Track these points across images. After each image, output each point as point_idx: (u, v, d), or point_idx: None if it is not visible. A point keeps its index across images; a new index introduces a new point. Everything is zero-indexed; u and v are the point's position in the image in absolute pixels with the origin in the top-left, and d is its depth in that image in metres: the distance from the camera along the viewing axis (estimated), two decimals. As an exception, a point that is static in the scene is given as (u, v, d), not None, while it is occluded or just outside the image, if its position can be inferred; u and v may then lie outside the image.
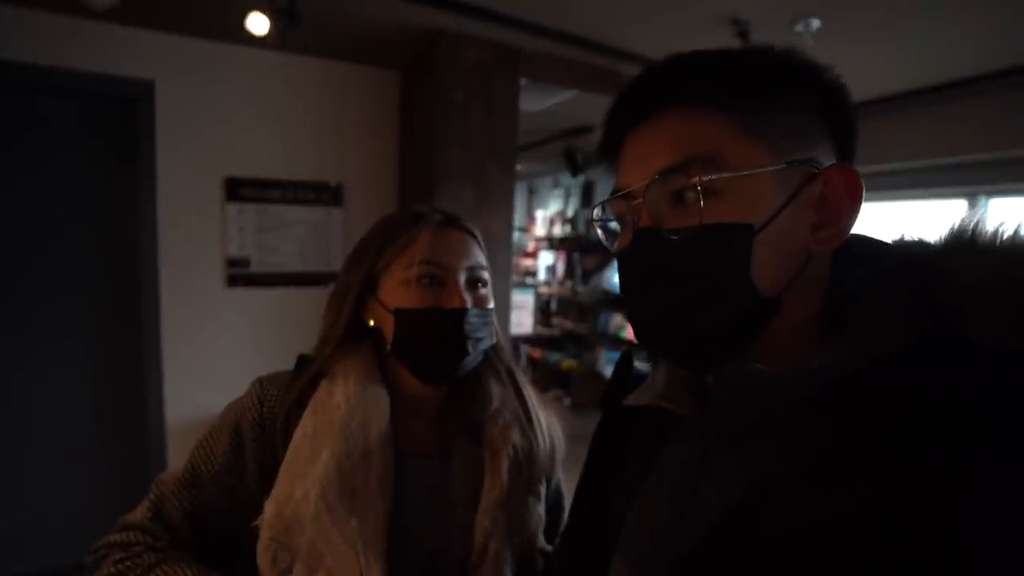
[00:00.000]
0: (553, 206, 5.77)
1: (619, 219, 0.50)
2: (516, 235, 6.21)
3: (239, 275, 2.33)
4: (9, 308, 2.09)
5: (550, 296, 5.35)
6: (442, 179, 2.12)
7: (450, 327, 0.72)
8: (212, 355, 2.31)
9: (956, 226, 0.42)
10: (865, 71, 2.37)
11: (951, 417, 0.33)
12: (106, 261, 2.22)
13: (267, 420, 0.72)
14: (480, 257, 0.77)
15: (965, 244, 0.40)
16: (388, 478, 0.70)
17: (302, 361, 0.77)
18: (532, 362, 5.26)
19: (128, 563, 0.68)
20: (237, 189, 2.28)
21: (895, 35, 2.00)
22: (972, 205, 2.64)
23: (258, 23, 1.54)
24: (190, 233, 2.24)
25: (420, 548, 0.71)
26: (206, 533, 0.74)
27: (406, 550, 0.70)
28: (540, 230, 5.67)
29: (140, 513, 0.73)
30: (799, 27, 1.92)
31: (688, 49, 0.47)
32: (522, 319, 2.65)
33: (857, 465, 0.35)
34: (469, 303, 0.73)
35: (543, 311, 5.43)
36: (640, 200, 0.45)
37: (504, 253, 2.31)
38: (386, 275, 0.74)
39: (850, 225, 0.44)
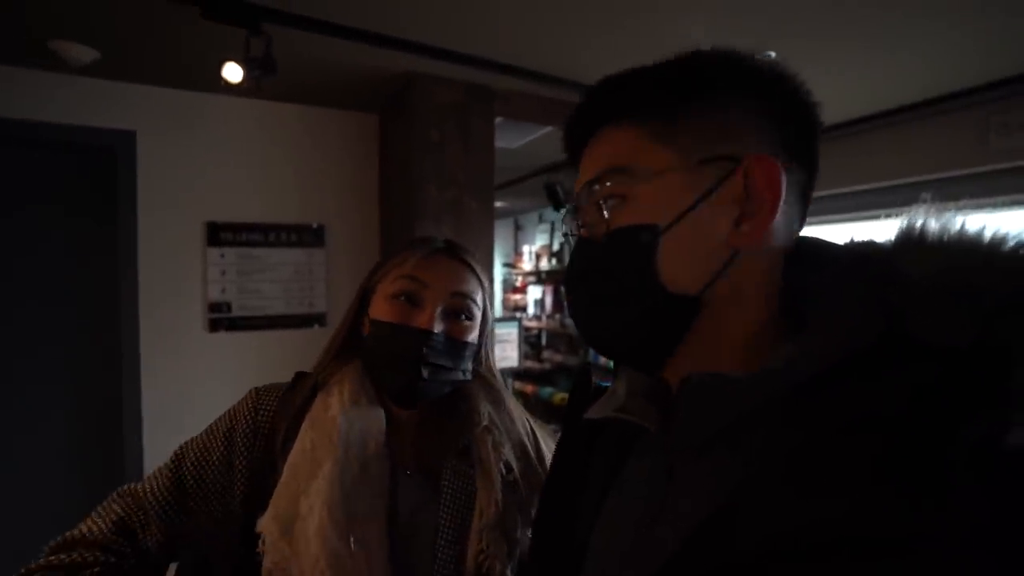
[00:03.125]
0: (539, 240, 5.82)
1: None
2: (504, 271, 6.25)
3: (221, 319, 2.32)
4: None
5: (540, 330, 5.33)
6: (420, 217, 2.15)
7: (410, 347, 0.71)
8: (194, 403, 2.27)
9: (904, 225, 0.41)
10: (825, 97, 2.46)
11: (913, 418, 0.33)
12: (84, 309, 2.21)
13: (260, 428, 0.72)
14: (469, 288, 0.76)
15: (915, 242, 0.40)
16: (384, 493, 0.70)
17: (299, 377, 0.79)
18: (524, 397, 5.20)
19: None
20: (218, 233, 2.30)
21: (851, 63, 2.09)
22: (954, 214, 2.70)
23: (233, 72, 1.59)
24: (171, 279, 2.24)
25: (411, 566, 0.70)
26: (175, 550, 0.71)
27: (401, 568, 0.69)
28: (527, 265, 5.70)
29: (98, 527, 0.68)
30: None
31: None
32: (507, 352, 2.64)
33: (832, 470, 0.34)
34: (438, 328, 0.72)
35: (533, 345, 5.40)
36: (579, 208, 0.49)
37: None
38: (378, 289, 0.77)
39: (771, 217, 0.42)
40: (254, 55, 1.58)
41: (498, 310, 6.79)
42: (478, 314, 0.77)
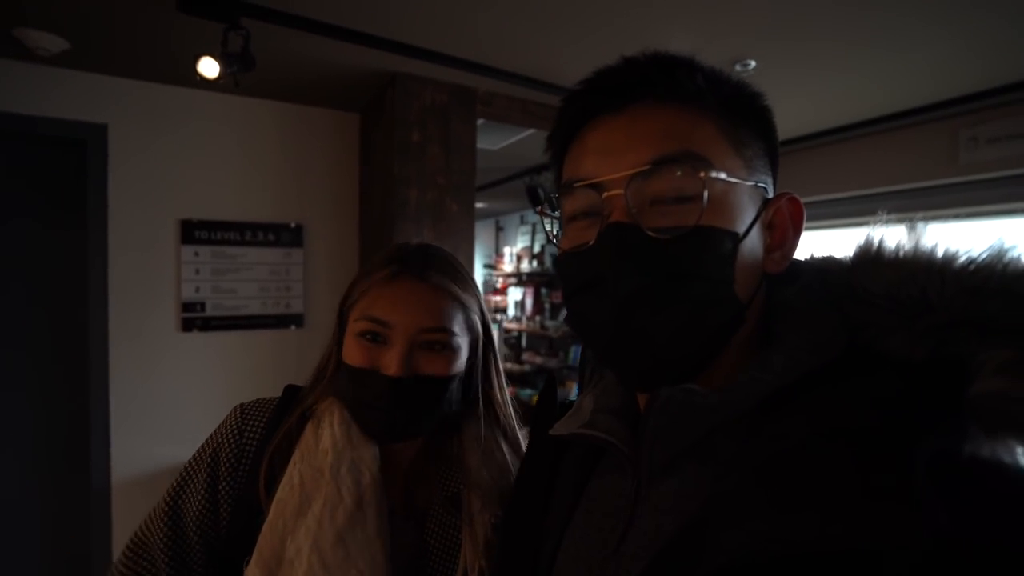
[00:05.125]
0: (521, 242, 5.83)
1: (582, 214, 0.45)
2: (485, 272, 6.23)
3: (194, 319, 2.27)
4: None
5: (520, 332, 5.34)
6: (400, 219, 2.13)
7: (379, 395, 0.64)
8: (164, 404, 2.21)
9: (862, 241, 0.43)
10: (802, 107, 2.51)
11: (876, 431, 0.33)
12: (51, 307, 2.14)
13: (245, 453, 0.67)
14: (442, 319, 0.66)
15: (872, 257, 0.41)
16: (385, 531, 0.63)
17: (289, 394, 0.72)
18: (504, 399, 5.17)
19: None
20: (192, 231, 2.25)
21: (824, 73, 2.13)
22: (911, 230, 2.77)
23: (209, 67, 1.55)
24: (142, 277, 2.18)
25: None
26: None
27: None
28: (508, 266, 5.70)
29: (122, 555, 0.68)
30: (738, 67, 2.03)
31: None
32: (487, 355, 2.62)
33: (800, 484, 0.34)
34: (407, 371, 0.64)
35: (513, 347, 5.40)
36: (616, 192, 0.41)
37: (466, 289, 2.31)
38: (349, 317, 0.70)
39: (795, 250, 0.45)
40: (232, 50, 1.55)
41: (479, 312, 6.77)
42: (460, 342, 0.68)
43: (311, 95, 2.36)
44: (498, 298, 5.89)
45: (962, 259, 0.37)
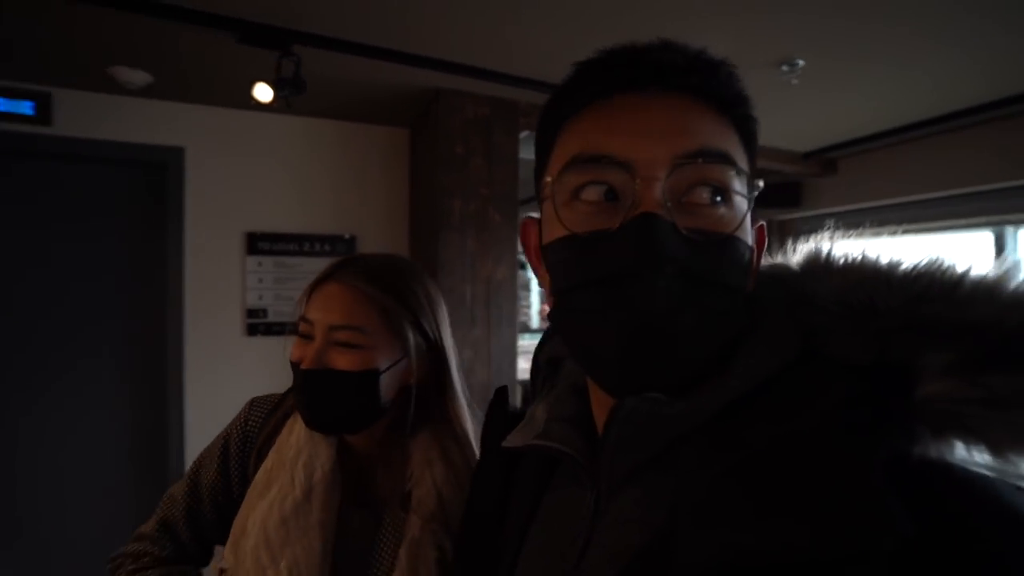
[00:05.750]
0: (575, 251, 5.80)
1: (595, 190, 0.40)
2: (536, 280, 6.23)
3: (257, 324, 2.45)
4: (43, 353, 2.25)
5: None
6: (445, 229, 2.20)
7: (299, 387, 0.72)
8: (232, 401, 2.37)
9: (811, 249, 0.44)
10: (854, 108, 2.38)
11: (831, 436, 0.34)
12: (135, 314, 2.37)
13: (249, 438, 0.78)
14: (352, 317, 0.70)
15: (821, 265, 0.42)
16: (329, 522, 0.70)
17: (288, 391, 0.81)
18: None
19: (137, 574, 0.75)
20: (256, 243, 2.43)
21: (885, 69, 2.02)
22: (999, 237, 2.55)
23: (263, 92, 1.69)
24: (213, 285, 2.38)
25: None
26: (210, 546, 0.79)
27: None
28: (563, 275, 5.69)
29: (150, 525, 0.81)
30: (784, 68, 1.97)
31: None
32: (531, 363, 2.64)
33: (762, 492, 0.33)
34: (317, 364, 0.69)
35: (567, 356, 5.37)
36: (655, 176, 0.37)
37: (509, 299, 2.35)
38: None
39: (756, 272, 0.45)
40: (284, 75, 1.68)
41: (534, 320, 6.77)
42: (376, 341, 0.71)
43: (362, 113, 2.50)
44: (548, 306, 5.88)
45: (905, 266, 0.38)
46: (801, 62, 1.94)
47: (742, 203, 0.40)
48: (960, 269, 0.36)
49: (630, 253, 0.37)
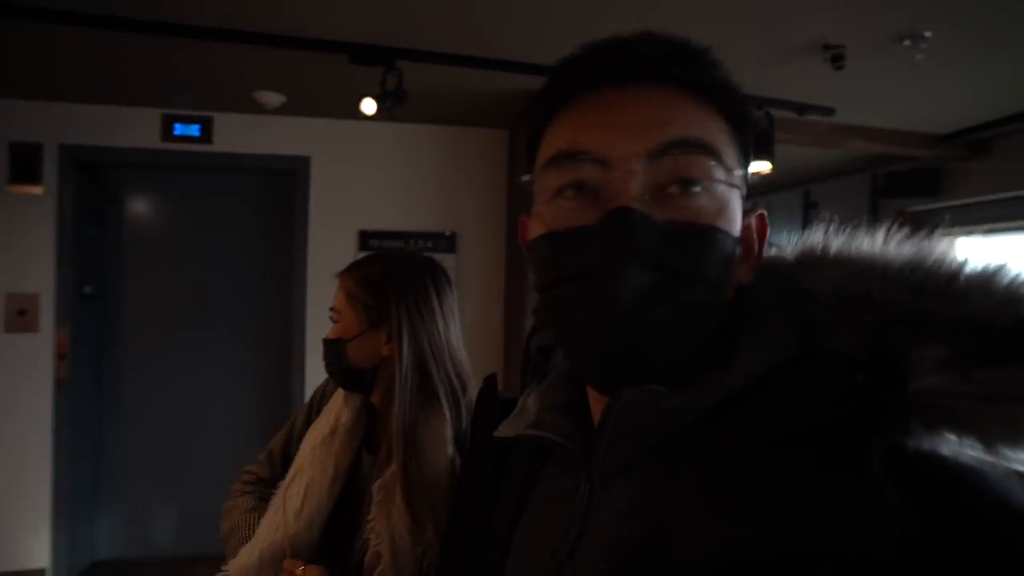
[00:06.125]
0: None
1: (572, 189, 0.39)
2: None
3: (369, 314, 2.72)
4: (198, 332, 2.75)
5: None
6: (535, 224, 2.28)
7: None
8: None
9: (806, 242, 0.42)
10: (1005, 79, 2.06)
11: (829, 429, 0.34)
12: (267, 298, 2.80)
13: (325, 395, 1.04)
14: (336, 299, 0.94)
15: (817, 257, 0.41)
16: (343, 458, 0.90)
17: None
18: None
19: (244, 485, 1.02)
20: (368, 240, 2.69)
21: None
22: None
23: (368, 106, 1.90)
24: (331, 279, 2.67)
25: (349, 531, 0.88)
26: None
27: (339, 526, 0.88)
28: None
29: (262, 453, 1.07)
30: (907, 43, 1.78)
31: (782, 81, 0.45)
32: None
33: (759, 486, 0.34)
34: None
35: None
36: (630, 170, 0.37)
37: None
38: None
39: (757, 264, 0.44)
40: (388, 88, 1.86)
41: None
42: (340, 318, 0.93)
43: (462, 117, 2.66)
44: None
45: (902, 259, 0.37)
46: (928, 34, 1.74)
47: (726, 192, 0.39)
48: (957, 263, 0.36)
49: (603, 248, 0.37)
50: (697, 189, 0.38)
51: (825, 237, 0.41)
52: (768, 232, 0.45)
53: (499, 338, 2.75)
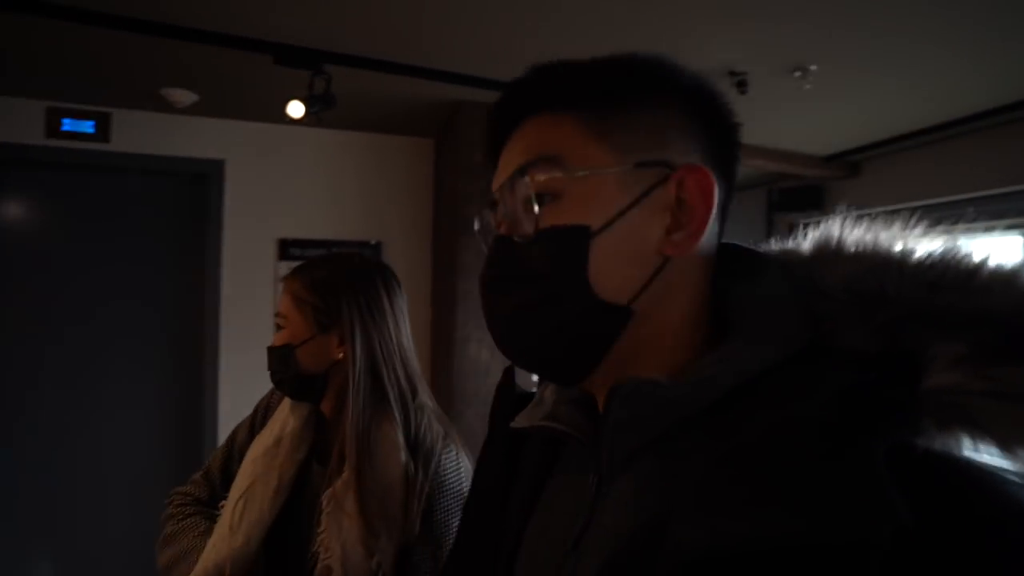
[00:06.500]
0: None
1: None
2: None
3: (290, 326, 2.59)
4: (87, 356, 2.45)
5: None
6: (464, 234, 2.30)
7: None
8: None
9: (820, 235, 0.42)
10: (875, 111, 2.38)
11: (834, 425, 0.33)
12: (174, 312, 2.56)
13: (270, 407, 1.01)
14: (280, 303, 0.93)
15: (832, 251, 0.41)
16: (287, 469, 0.87)
17: None
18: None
19: (182, 508, 0.95)
20: (288, 249, 2.58)
21: (901, 72, 2.03)
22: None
23: (295, 109, 1.83)
24: (247, 288, 2.54)
25: (297, 545, 0.86)
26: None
27: (285, 540, 0.86)
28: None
29: (198, 473, 1.02)
30: (797, 74, 2.00)
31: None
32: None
33: (759, 479, 0.33)
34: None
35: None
36: (500, 203, 0.44)
37: (527, 300, 2.43)
38: None
39: (704, 228, 0.42)
40: (316, 92, 1.81)
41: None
42: (287, 324, 0.90)
43: (389, 124, 2.63)
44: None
45: (919, 254, 0.37)
46: (814, 67, 1.97)
47: (586, 186, 0.41)
48: (977, 258, 0.35)
49: (481, 275, 0.46)
50: (546, 199, 0.42)
51: (840, 230, 0.41)
52: (713, 189, 0.42)
53: (426, 347, 2.73)
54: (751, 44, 1.82)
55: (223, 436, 2.42)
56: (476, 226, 0.52)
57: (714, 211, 0.42)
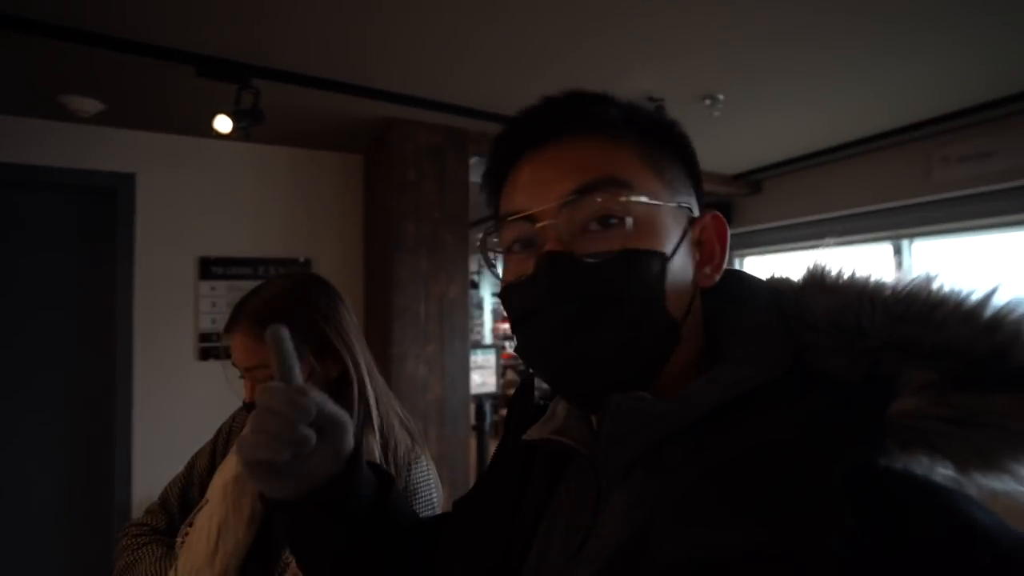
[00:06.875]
0: (528, 270, 5.97)
1: (519, 244, 0.48)
2: (492, 300, 6.36)
3: (211, 348, 2.45)
4: None
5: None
6: (399, 250, 2.30)
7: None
8: (184, 430, 2.36)
9: (812, 266, 0.44)
10: (775, 134, 2.65)
11: (806, 445, 0.35)
12: (82, 340, 2.34)
13: (235, 430, 0.98)
14: (257, 358, 0.84)
15: (817, 282, 0.43)
16: (259, 498, 0.84)
17: None
18: (513, 424, 5.25)
19: (137, 539, 0.92)
20: (210, 267, 2.45)
21: (797, 101, 2.28)
22: (897, 249, 2.86)
23: (223, 123, 1.76)
24: (165, 310, 2.38)
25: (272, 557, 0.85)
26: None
27: (258, 555, 0.84)
28: (516, 294, 5.83)
29: (155, 502, 0.98)
30: (707, 102, 2.19)
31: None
32: (486, 378, 2.75)
33: (733, 495, 0.36)
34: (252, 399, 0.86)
35: (521, 373, 5.49)
36: (548, 222, 0.43)
37: (461, 316, 2.46)
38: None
39: (723, 263, 0.48)
40: (243, 107, 1.76)
41: (487, 338, 6.89)
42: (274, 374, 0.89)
43: (318, 140, 2.58)
44: (506, 325, 6.01)
45: (889, 288, 0.39)
46: (721, 96, 2.17)
47: (648, 213, 0.44)
48: (944, 292, 0.37)
49: (536, 288, 0.44)
50: (614, 221, 0.43)
51: (827, 264, 0.44)
52: (727, 230, 0.49)
53: (360, 366, 2.67)
54: (667, 71, 1.97)
55: (139, 475, 2.28)
56: (481, 241, 0.51)
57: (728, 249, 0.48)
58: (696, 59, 1.87)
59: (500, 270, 0.52)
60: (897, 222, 2.77)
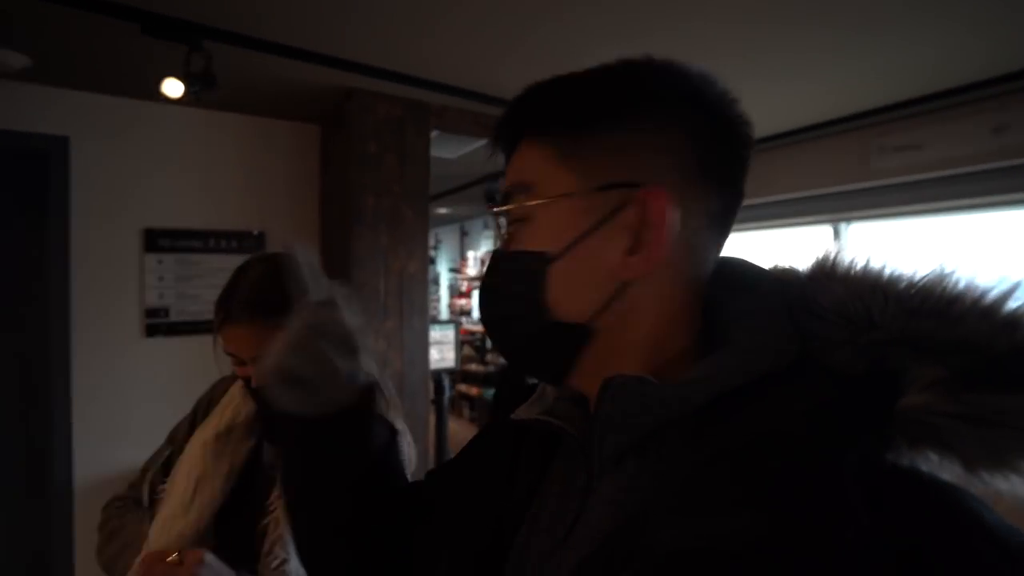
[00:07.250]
0: (484, 246, 5.99)
1: None
2: (450, 276, 6.36)
3: (159, 324, 2.34)
4: None
5: (485, 334, 5.47)
6: (358, 224, 2.26)
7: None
8: (127, 408, 2.27)
9: (820, 255, 0.43)
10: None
11: (810, 438, 0.35)
12: (12, 317, 2.19)
13: (214, 398, 1.01)
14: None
15: (827, 273, 0.42)
16: (238, 456, 0.90)
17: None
18: (469, 399, 5.33)
19: (120, 509, 0.97)
20: (156, 240, 2.33)
21: (745, 93, 2.36)
22: (836, 232, 3.05)
23: (173, 87, 1.66)
24: (106, 285, 2.25)
25: (247, 522, 0.88)
26: None
27: (233, 517, 0.88)
28: (472, 270, 5.85)
29: (137, 475, 1.01)
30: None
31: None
32: (445, 354, 2.76)
33: (732, 486, 0.35)
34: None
35: (478, 348, 5.55)
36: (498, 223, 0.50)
37: (420, 291, 2.45)
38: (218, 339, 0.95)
39: (660, 250, 0.42)
40: (195, 71, 1.66)
41: (444, 313, 6.89)
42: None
43: (272, 108, 2.47)
44: (463, 301, 6.03)
45: (905, 281, 0.38)
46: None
47: (551, 211, 0.44)
48: (960, 286, 0.36)
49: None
50: (518, 223, 0.46)
51: (836, 254, 0.43)
52: (666, 209, 0.41)
53: (317, 342, 2.62)
54: (627, 48, 2.00)
55: (83, 454, 2.17)
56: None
57: (671, 234, 0.42)
58: (660, 32, 1.90)
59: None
60: (836, 206, 2.94)
